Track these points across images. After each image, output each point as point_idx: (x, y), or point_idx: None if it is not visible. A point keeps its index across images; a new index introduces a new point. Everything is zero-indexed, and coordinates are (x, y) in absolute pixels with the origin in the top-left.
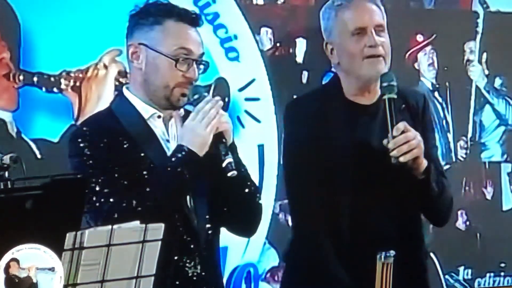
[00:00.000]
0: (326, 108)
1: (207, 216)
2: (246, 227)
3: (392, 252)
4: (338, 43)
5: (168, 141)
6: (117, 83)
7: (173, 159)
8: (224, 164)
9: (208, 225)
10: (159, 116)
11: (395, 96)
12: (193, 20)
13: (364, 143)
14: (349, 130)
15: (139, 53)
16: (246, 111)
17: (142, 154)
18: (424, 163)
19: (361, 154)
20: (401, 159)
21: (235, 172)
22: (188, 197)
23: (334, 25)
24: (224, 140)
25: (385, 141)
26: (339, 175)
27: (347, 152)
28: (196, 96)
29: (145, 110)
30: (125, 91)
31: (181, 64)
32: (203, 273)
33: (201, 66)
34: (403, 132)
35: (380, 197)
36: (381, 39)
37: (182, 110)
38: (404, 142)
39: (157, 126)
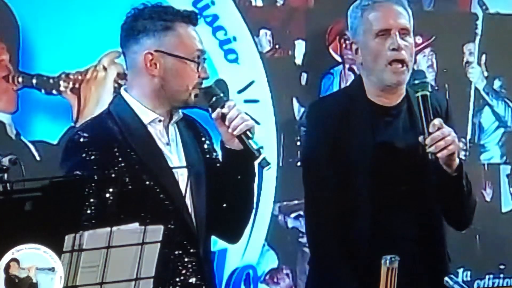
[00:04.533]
0: (348, 109)
1: (205, 221)
2: (236, 232)
3: (397, 257)
4: (363, 43)
5: (168, 144)
6: (116, 85)
7: None
8: (259, 160)
9: (206, 229)
10: (160, 121)
11: (428, 93)
12: (195, 19)
13: (387, 145)
14: (370, 131)
15: (155, 61)
16: (245, 113)
17: (139, 158)
18: (457, 160)
19: (382, 156)
20: (439, 155)
21: (271, 165)
22: (189, 201)
23: (359, 25)
24: (251, 136)
25: (421, 138)
26: (359, 176)
27: (368, 153)
28: (214, 99)
29: (147, 115)
30: (124, 94)
31: (200, 65)
32: (201, 278)
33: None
34: (439, 128)
35: (403, 198)
36: (405, 43)
37: (180, 113)
38: (441, 138)
39: (157, 130)
